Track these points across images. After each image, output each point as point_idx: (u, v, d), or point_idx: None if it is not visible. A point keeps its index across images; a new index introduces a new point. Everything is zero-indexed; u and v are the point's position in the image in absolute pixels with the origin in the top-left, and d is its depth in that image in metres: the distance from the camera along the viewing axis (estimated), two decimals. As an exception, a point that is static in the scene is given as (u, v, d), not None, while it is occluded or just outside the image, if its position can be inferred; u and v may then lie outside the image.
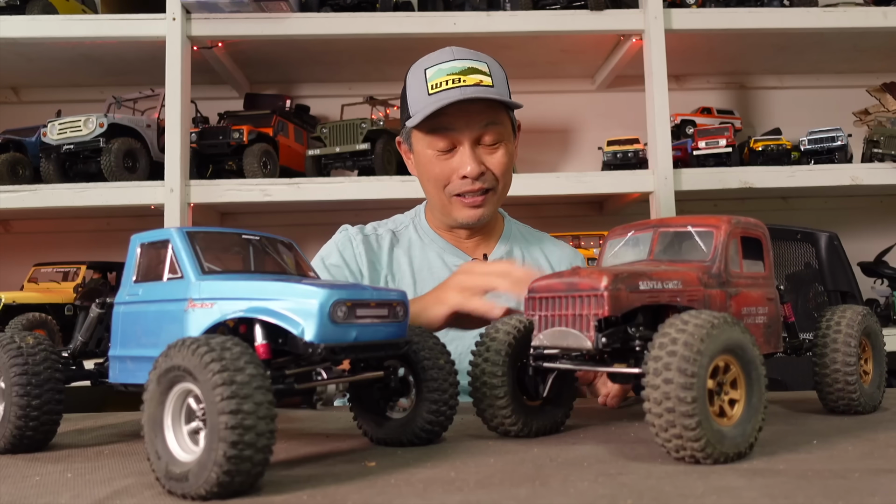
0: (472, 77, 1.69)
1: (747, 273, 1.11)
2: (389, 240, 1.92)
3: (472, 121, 1.72)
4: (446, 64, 1.71)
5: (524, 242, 1.97)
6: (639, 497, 0.77)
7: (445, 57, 1.73)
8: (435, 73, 1.71)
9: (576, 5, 2.79)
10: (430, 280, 1.85)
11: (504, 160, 1.78)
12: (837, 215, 3.30)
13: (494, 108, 1.74)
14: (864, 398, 1.24)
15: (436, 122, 1.71)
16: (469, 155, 1.73)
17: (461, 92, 1.67)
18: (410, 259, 1.89)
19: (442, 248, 1.90)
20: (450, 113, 1.69)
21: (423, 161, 1.80)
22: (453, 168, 1.75)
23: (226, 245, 1.07)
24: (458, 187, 1.77)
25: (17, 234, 3.28)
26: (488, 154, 1.77)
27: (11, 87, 3.28)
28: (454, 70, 1.70)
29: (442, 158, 1.76)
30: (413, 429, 1.07)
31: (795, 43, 3.04)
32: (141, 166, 2.71)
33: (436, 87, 1.68)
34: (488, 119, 1.73)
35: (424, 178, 1.83)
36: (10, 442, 1.08)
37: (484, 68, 1.73)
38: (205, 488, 0.78)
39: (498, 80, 1.74)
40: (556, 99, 3.43)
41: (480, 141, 1.75)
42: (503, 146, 1.78)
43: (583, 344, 0.98)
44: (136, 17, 2.70)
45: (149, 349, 1.00)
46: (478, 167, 1.73)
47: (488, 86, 1.70)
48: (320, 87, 3.37)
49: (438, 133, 1.74)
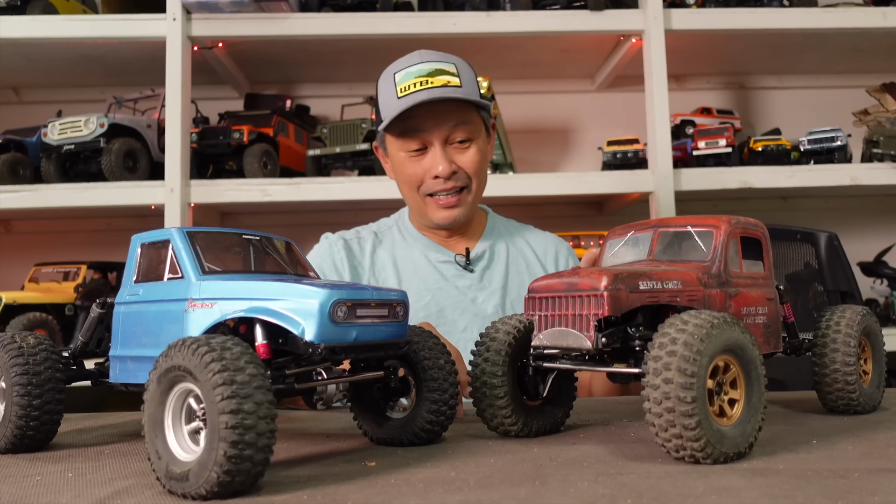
0: (439, 78, 1.71)
1: (747, 273, 1.11)
2: (372, 241, 1.94)
3: (441, 121, 1.74)
4: (414, 67, 1.73)
5: (507, 236, 1.98)
6: (639, 497, 0.77)
7: (413, 60, 1.75)
8: (403, 77, 1.72)
9: (576, 5, 2.80)
10: (414, 278, 1.86)
11: (476, 158, 1.79)
12: (837, 215, 3.30)
13: (463, 107, 1.76)
14: (864, 398, 1.24)
15: (406, 124, 1.74)
16: (440, 154, 1.75)
17: (428, 93, 1.68)
18: (394, 258, 1.91)
19: (426, 245, 1.91)
20: (419, 114, 1.72)
21: (397, 163, 1.82)
22: (426, 168, 1.77)
23: (226, 245, 1.07)
24: (431, 187, 1.78)
25: (17, 234, 3.28)
26: (459, 153, 1.78)
27: (12, 87, 3.29)
28: (422, 72, 1.71)
29: (414, 159, 1.78)
30: (413, 429, 1.07)
31: (795, 43, 3.04)
32: (141, 166, 2.71)
33: (404, 91, 1.70)
34: (457, 119, 1.75)
35: (399, 180, 1.85)
36: (10, 442, 1.08)
37: (451, 69, 1.74)
38: (205, 488, 0.78)
39: (466, 81, 1.75)
40: (556, 99, 3.43)
41: (451, 140, 1.77)
42: (474, 144, 1.79)
43: (583, 344, 0.98)
44: (136, 17, 2.71)
45: (149, 349, 1.00)
46: (449, 166, 1.75)
47: (456, 86, 1.71)
48: (320, 87, 3.38)
49: (409, 135, 1.76)
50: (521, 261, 1.94)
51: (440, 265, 1.88)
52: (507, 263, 1.92)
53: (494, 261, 1.91)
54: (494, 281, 1.88)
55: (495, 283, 1.88)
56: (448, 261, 1.88)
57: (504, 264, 1.91)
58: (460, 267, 1.87)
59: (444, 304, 1.83)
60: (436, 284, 1.85)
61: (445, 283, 1.85)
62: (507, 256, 1.93)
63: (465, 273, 1.87)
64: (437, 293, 1.83)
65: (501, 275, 1.89)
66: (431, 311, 1.82)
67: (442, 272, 1.87)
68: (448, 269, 1.87)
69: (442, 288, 1.85)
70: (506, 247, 1.95)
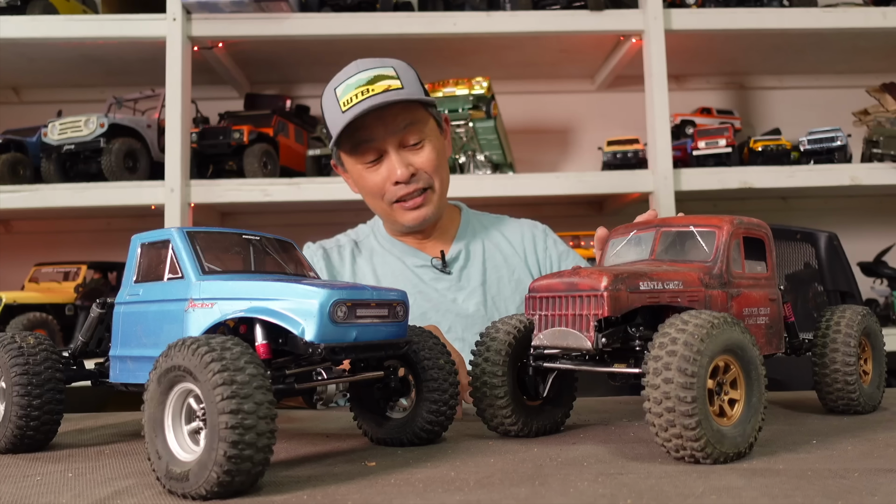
0: (379, 84, 1.69)
1: (749, 274, 1.11)
2: (351, 250, 1.94)
3: (389, 126, 1.73)
4: (353, 78, 1.72)
5: (483, 232, 1.98)
6: (638, 497, 0.77)
7: (351, 71, 1.74)
8: (344, 90, 1.71)
9: (576, 5, 2.79)
10: (394, 284, 1.85)
11: (432, 156, 1.78)
12: (837, 215, 3.30)
13: (410, 108, 1.75)
14: (864, 398, 1.24)
15: (356, 136, 1.73)
16: (396, 160, 1.74)
17: (371, 101, 1.66)
18: (374, 267, 1.91)
19: (402, 251, 1.91)
20: (367, 124, 1.71)
21: (356, 177, 1.82)
22: (384, 176, 1.77)
23: (226, 245, 1.07)
24: (395, 193, 1.78)
25: (17, 233, 3.28)
26: (414, 154, 1.77)
27: (12, 87, 3.29)
28: (360, 82, 1.70)
29: (372, 170, 1.78)
30: (413, 429, 1.07)
31: (795, 43, 3.04)
32: (141, 166, 2.71)
33: (347, 103, 1.69)
34: (406, 120, 1.74)
35: (363, 192, 1.85)
36: (11, 442, 1.08)
37: (390, 73, 1.72)
38: (205, 488, 0.78)
39: (408, 81, 1.73)
40: (556, 99, 3.43)
41: (404, 144, 1.76)
42: (427, 143, 1.78)
43: (583, 344, 0.98)
44: (136, 17, 2.71)
45: (149, 349, 1.00)
46: (406, 170, 1.74)
47: (398, 88, 1.70)
48: (320, 87, 3.32)
49: (361, 147, 1.75)
50: (497, 255, 1.94)
51: (418, 269, 1.88)
52: (483, 260, 1.92)
53: (471, 260, 1.91)
54: (472, 280, 1.88)
55: (473, 282, 1.88)
56: (425, 265, 1.88)
57: (481, 262, 1.91)
58: (437, 270, 1.88)
59: (425, 308, 1.82)
60: (415, 289, 1.84)
61: (425, 287, 1.86)
62: (483, 253, 1.93)
63: (442, 275, 1.88)
64: (418, 297, 1.83)
65: (479, 272, 1.89)
66: (414, 314, 1.80)
67: (420, 276, 1.87)
68: (426, 273, 1.88)
69: (422, 291, 1.85)
70: (481, 243, 1.95)
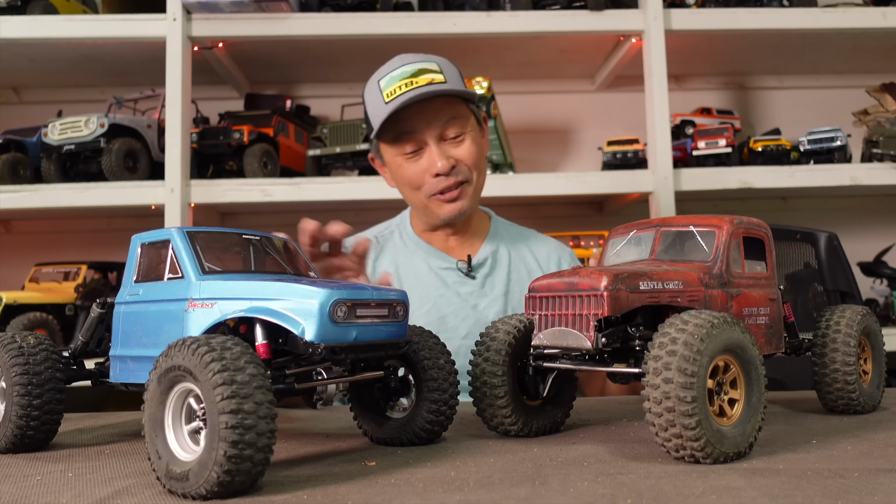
0: (423, 78, 1.71)
1: (749, 273, 1.11)
2: (374, 248, 1.94)
3: (432, 119, 1.75)
4: (396, 70, 1.74)
5: (510, 242, 1.98)
6: (638, 497, 0.77)
7: (395, 64, 1.76)
8: (388, 82, 1.73)
9: (576, 5, 2.79)
10: (416, 285, 1.85)
11: (472, 150, 1.80)
12: (837, 215, 3.30)
13: (452, 103, 1.77)
14: (864, 398, 1.24)
15: (398, 127, 1.75)
16: (436, 152, 1.75)
17: (415, 92, 1.68)
18: (396, 265, 1.91)
19: (427, 252, 1.91)
20: (410, 116, 1.73)
21: (395, 168, 1.82)
22: (424, 168, 1.77)
23: (226, 245, 1.07)
24: (434, 186, 1.78)
25: (18, 234, 3.28)
26: (454, 147, 1.78)
27: (12, 87, 3.29)
28: (405, 74, 1.72)
29: (412, 161, 1.78)
30: (413, 428, 1.07)
31: (795, 43, 3.04)
32: (141, 166, 2.71)
33: (391, 95, 1.71)
34: (448, 115, 1.76)
35: (400, 184, 1.85)
36: (11, 441, 1.08)
37: (434, 67, 1.75)
38: (205, 488, 0.78)
39: (451, 77, 1.76)
40: (556, 99, 3.43)
41: (444, 137, 1.77)
42: (468, 137, 1.80)
43: (582, 344, 0.98)
44: (136, 17, 2.71)
45: (149, 349, 1.00)
46: (447, 162, 1.75)
47: (441, 83, 1.72)
48: (320, 87, 3.38)
49: (403, 138, 1.76)
50: (522, 268, 1.93)
51: (441, 272, 1.88)
52: (508, 270, 1.91)
53: (497, 267, 1.91)
54: (496, 288, 1.88)
55: (497, 290, 1.87)
56: (450, 267, 1.88)
57: (506, 271, 1.90)
58: (462, 273, 1.87)
59: (445, 311, 1.82)
60: (437, 291, 1.84)
61: (447, 290, 1.85)
62: (510, 263, 1.92)
63: (466, 279, 1.87)
64: (439, 300, 1.83)
65: (503, 282, 1.89)
66: (433, 317, 1.81)
67: (443, 279, 1.87)
68: (450, 276, 1.87)
69: (443, 295, 1.84)
70: (508, 253, 1.94)
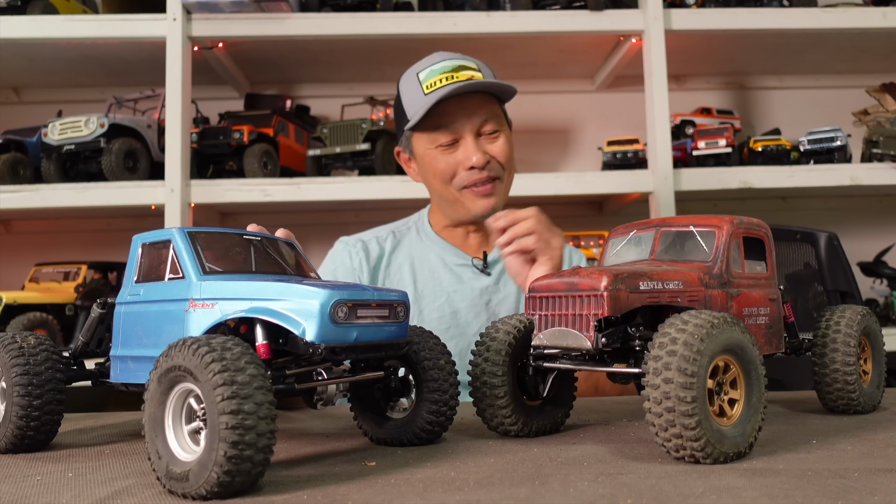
0: (463, 73, 1.75)
1: (749, 273, 1.11)
2: (391, 242, 1.95)
3: (471, 114, 1.78)
4: (437, 65, 1.77)
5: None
6: (638, 497, 0.77)
7: (435, 59, 1.80)
8: (428, 75, 1.76)
9: (576, 5, 2.79)
10: (430, 279, 1.86)
11: (506, 147, 1.83)
12: (837, 215, 3.30)
13: (490, 102, 1.81)
14: (864, 398, 1.24)
15: (437, 119, 1.77)
16: (473, 145, 1.77)
17: (458, 85, 1.72)
18: (411, 259, 1.91)
19: (443, 248, 1.91)
20: (449, 109, 1.75)
21: (427, 160, 1.83)
22: (458, 161, 1.79)
23: (227, 245, 1.07)
24: (466, 179, 1.80)
25: (18, 234, 3.28)
26: (490, 143, 1.81)
27: (12, 87, 3.29)
28: (446, 69, 1.76)
29: (446, 153, 1.80)
30: (413, 429, 1.07)
31: (795, 43, 3.04)
32: (141, 166, 2.71)
33: (431, 87, 1.74)
34: (486, 112, 1.79)
35: (430, 175, 1.85)
36: (11, 442, 1.08)
37: (473, 66, 1.79)
38: (205, 488, 0.78)
39: (488, 77, 1.80)
40: (556, 99, 3.43)
41: (481, 132, 1.80)
42: (503, 135, 1.84)
43: (582, 344, 0.98)
44: (136, 17, 2.71)
45: (150, 349, 1.00)
46: (483, 156, 1.77)
47: (480, 79, 1.76)
48: (320, 87, 3.38)
49: (440, 129, 1.78)
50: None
51: (457, 268, 1.89)
52: None
53: None
54: (510, 284, 1.88)
55: (511, 287, 1.88)
56: (465, 264, 1.89)
57: None
58: (477, 270, 1.88)
59: (458, 306, 1.83)
60: (451, 287, 1.85)
61: (461, 286, 1.86)
62: None
63: (481, 276, 1.88)
64: (453, 295, 1.84)
65: None
66: (445, 312, 1.82)
67: (458, 274, 1.88)
68: (465, 272, 1.88)
69: (457, 290, 1.85)
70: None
